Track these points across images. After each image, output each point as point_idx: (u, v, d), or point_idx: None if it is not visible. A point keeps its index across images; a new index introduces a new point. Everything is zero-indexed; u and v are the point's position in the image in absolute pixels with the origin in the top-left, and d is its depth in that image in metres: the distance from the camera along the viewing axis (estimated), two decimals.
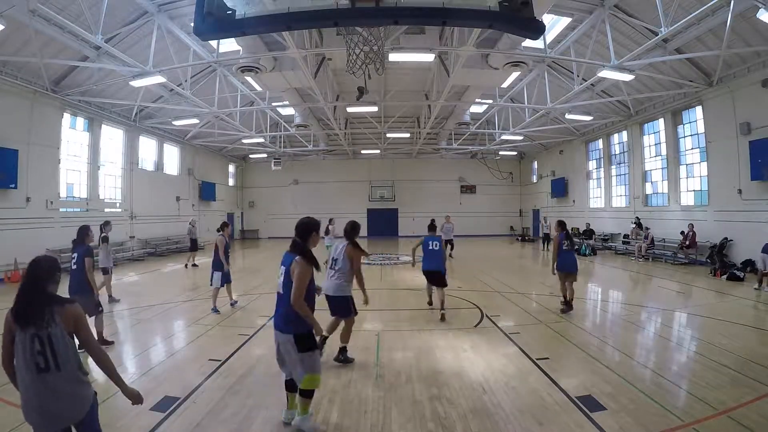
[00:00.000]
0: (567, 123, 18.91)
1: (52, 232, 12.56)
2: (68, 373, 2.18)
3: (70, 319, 2.25)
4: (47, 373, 2.13)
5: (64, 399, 2.18)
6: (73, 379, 2.22)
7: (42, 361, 2.12)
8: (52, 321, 2.16)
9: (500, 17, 2.58)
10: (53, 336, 2.14)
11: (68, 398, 2.20)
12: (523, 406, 3.70)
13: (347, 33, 7.45)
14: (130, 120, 16.37)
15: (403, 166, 27.89)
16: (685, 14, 8.76)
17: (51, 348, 2.14)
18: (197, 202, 22.38)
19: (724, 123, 12.00)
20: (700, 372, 4.45)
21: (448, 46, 10.92)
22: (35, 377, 2.12)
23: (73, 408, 2.23)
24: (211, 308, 7.40)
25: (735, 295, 8.50)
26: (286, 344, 3.15)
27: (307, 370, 3.12)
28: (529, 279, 11.49)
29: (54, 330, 2.15)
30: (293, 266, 3.11)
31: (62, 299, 2.29)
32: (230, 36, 5.75)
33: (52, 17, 8.95)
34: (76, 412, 2.22)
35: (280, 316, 3.20)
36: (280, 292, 3.22)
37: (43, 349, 2.12)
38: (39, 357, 2.12)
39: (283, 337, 3.16)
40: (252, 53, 11.27)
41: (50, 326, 2.15)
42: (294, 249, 3.22)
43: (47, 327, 2.14)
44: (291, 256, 3.20)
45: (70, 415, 2.21)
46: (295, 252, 3.19)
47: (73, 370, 2.22)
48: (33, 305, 2.18)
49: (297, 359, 3.11)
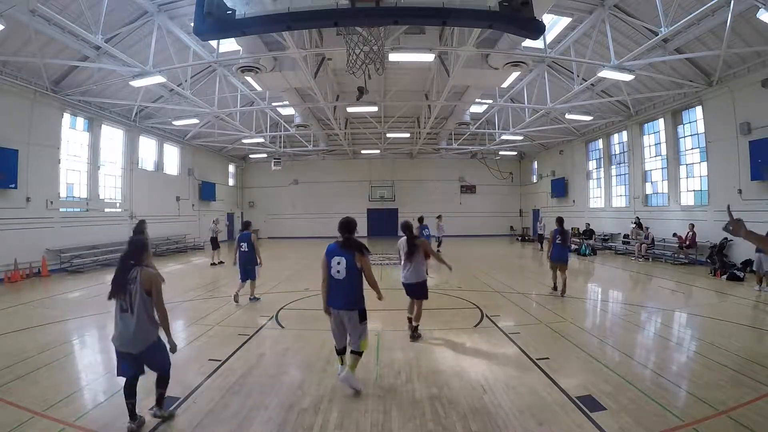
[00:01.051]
0: (567, 123, 18.91)
1: (52, 232, 12.57)
2: (138, 317, 3.21)
3: (146, 280, 3.27)
4: (126, 314, 3.24)
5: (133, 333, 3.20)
6: (141, 323, 3.23)
7: (125, 304, 3.24)
8: (134, 280, 3.24)
9: (500, 17, 2.58)
10: (132, 291, 3.22)
11: (135, 334, 3.21)
12: (523, 406, 3.70)
13: (347, 33, 7.44)
14: (130, 120, 16.36)
15: (403, 166, 27.88)
16: (685, 14, 8.76)
17: (130, 298, 3.22)
18: (197, 202, 22.38)
19: (724, 123, 12.00)
20: (700, 372, 4.45)
21: (448, 46, 10.91)
22: (119, 314, 3.27)
23: (138, 340, 3.22)
24: (250, 297, 8.21)
25: (735, 295, 8.50)
26: (353, 317, 4.01)
27: (363, 336, 4.09)
28: (529, 279, 11.49)
29: (134, 287, 3.23)
30: (358, 259, 3.97)
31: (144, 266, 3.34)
32: (230, 36, 5.76)
33: (52, 17, 8.94)
34: (138, 343, 3.23)
35: (344, 297, 4.00)
36: (339, 279, 3.98)
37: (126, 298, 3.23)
38: (123, 302, 3.24)
39: (350, 313, 4.01)
40: (252, 53, 11.26)
41: (133, 284, 3.23)
42: (349, 244, 4.02)
43: (130, 284, 3.23)
44: (346, 251, 4.00)
45: (133, 345, 3.22)
46: (351, 247, 4.00)
47: (142, 316, 3.22)
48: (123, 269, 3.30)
49: (359, 328, 4.04)
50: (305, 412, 3.63)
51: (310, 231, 26.54)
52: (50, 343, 5.58)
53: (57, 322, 6.78)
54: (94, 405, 3.76)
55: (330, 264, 4.01)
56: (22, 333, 6.10)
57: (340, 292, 4.00)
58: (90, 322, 6.83)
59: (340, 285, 3.99)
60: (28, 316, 7.24)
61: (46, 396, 3.86)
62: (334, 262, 4.01)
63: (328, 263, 4.02)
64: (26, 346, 5.37)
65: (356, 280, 4.00)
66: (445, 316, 7.01)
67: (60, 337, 5.96)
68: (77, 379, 4.44)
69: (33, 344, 5.48)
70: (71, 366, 4.91)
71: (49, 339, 5.76)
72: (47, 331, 6.25)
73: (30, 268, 11.60)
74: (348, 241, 4.05)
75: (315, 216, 27.32)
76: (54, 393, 3.94)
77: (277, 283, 10.53)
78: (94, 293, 9.46)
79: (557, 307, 7.67)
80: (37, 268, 11.86)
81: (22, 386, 4.12)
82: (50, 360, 4.90)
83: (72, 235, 13.37)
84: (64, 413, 3.55)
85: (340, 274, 3.97)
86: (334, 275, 4.01)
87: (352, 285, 3.98)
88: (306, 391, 4.07)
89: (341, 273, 3.97)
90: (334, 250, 4.04)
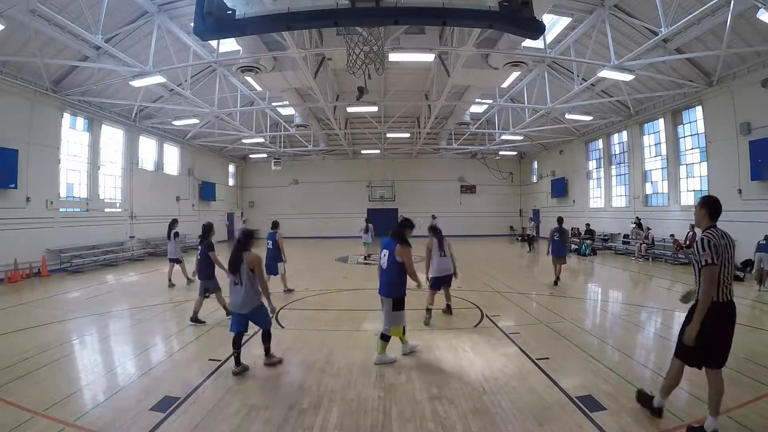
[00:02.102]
0: (567, 123, 18.91)
1: (52, 232, 12.57)
2: (245, 288, 4.49)
3: (251, 261, 4.50)
4: (237, 286, 4.52)
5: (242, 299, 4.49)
6: (248, 292, 4.49)
7: (237, 279, 4.52)
8: (242, 261, 4.48)
9: (500, 17, 2.59)
10: (242, 269, 4.48)
11: (243, 299, 4.49)
12: (523, 406, 3.70)
13: (347, 33, 7.43)
14: (130, 120, 16.36)
15: (403, 166, 27.87)
16: (685, 14, 8.75)
17: (240, 275, 4.49)
18: (197, 202, 22.38)
19: (724, 123, 11.99)
20: (700, 372, 4.43)
21: (448, 46, 10.91)
22: (233, 287, 4.58)
23: (245, 304, 4.50)
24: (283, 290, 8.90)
25: (735, 295, 8.47)
26: (388, 304, 4.65)
27: (393, 324, 4.71)
28: (528, 279, 11.50)
29: (243, 266, 4.47)
30: (398, 252, 4.62)
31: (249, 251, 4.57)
32: (230, 36, 5.77)
33: (52, 17, 8.94)
34: (246, 306, 4.51)
35: (384, 284, 4.72)
36: (384, 268, 4.74)
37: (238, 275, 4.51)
38: (236, 277, 4.52)
39: (386, 300, 4.66)
40: (252, 53, 11.26)
41: (241, 264, 4.47)
42: (395, 237, 4.72)
43: (240, 264, 4.47)
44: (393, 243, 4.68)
45: (243, 308, 4.51)
46: (397, 240, 4.67)
47: (248, 288, 4.49)
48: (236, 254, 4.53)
49: (392, 315, 4.65)
50: (305, 412, 3.63)
51: (311, 231, 26.55)
52: (50, 343, 5.58)
53: (57, 322, 6.78)
54: (94, 405, 3.75)
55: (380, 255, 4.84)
56: (22, 333, 6.11)
57: (383, 279, 4.76)
58: (90, 322, 6.83)
59: (384, 274, 4.76)
60: (28, 316, 7.24)
61: (46, 396, 3.87)
62: (382, 254, 4.78)
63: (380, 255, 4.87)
64: (26, 346, 5.37)
65: (394, 270, 4.63)
66: (445, 316, 7.00)
67: (60, 337, 5.96)
68: (77, 379, 4.44)
69: (33, 344, 5.48)
70: (71, 366, 4.91)
71: (49, 339, 5.77)
72: (47, 331, 6.25)
73: (30, 268, 11.60)
74: (394, 235, 4.73)
75: (315, 216, 27.33)
76: (54, 393, 3.94)
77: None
78: (94, 293, 9.47)
79: (557, 307, 7.67)
80: (37, 268, 11.86)
81: (22, 386, 4.12)
82: (50, 360, 4.91)
83: (72, 235, 13.37)
84: (64, 413, 3.55)
85: (384, 265, 4.74)
86: (382, 265, 4.80)
87: (391, 274, 4.66)
88: (306, 391, 4.07)
89: (385, 264, 4.73)
90: (385, 243, 4.84)
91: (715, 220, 3.30)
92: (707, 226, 3.28)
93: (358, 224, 16.23)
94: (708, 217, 3.30)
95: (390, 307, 4.61)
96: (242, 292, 4.43)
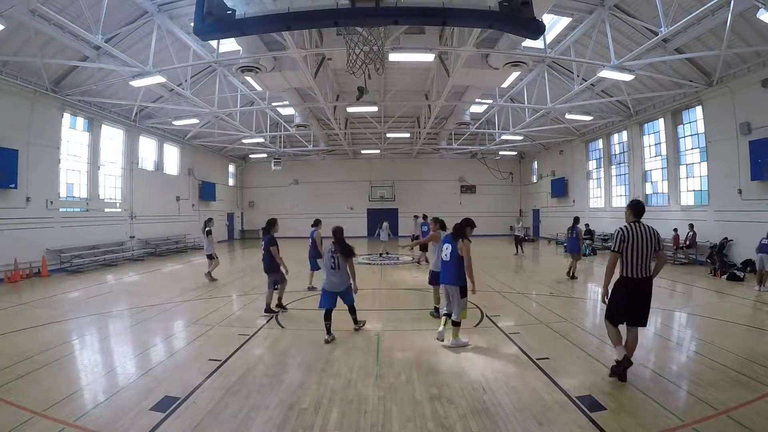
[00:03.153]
0: (567, 123, 18.91)
1: (52, 232, 12.57)
2: (340, 271, 5.61)
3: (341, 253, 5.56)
4: (335, 270, 5.60)
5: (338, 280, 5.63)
6: (342, 275, 5.63)
7: (333, 264, 5.59)
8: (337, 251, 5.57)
9: (500, 17, 2.58)
10: (337, 256, 5.57)
11: (339, 280, 5.63)
12: (523, 406, 3.70)
13: (347, 33, 7.43)
14: (130, 120, 16.36)
15: (403, 166, 27.87)
16: (685, 14, 8.75)
17: (336, 260, 5.58)
18: (197, 202, 22.38)
19: (724, 123, 12.00)
20: (700, 372, 4.45)
21: (448, 46, 10.91)
22: (330, 271, 5.64)
23: (340, 284, 5.64)
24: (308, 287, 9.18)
25: (735, 295, 8.50)
26: (455, 292, 5.26)
27: (462, 308, 5.29)
28: (529, 279, 11.50)
29: (337, 254, 5.57)
30: (460, 247, 5.22)
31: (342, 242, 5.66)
32: (230, 36, 5.76)
33: (52, 17, 8.94)
34: (341, 286, 5.65)
35: (451, 274, 5.30)
36: (447, 261, 5.36)
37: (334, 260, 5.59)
38: (332, 261, 5.59)
39: (453, 288, 5.28)
40: (252, 53, 11.26)
41: (336, 252, 5.58)
42: (456, 234, 5.31)
43: (336, 252, 5.58)
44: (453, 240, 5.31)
45: (337, 287, 5.64)
46: (458, 236, 5.27)
47: (343, 271, 5.63)
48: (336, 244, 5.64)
49: (459, 302, 5.24)
50: (305, 412, 3.63)
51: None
52: (50, 343, 5.58)
53: (57, 322, 6.78)
54: (94, 405, 3.75)
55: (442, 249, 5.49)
56: (22, 333, 6.10)
57: (449, 269, 5.32)
58: (90, 322, 6.83)
59: (447, 265, 5.35)
60: (28, 316, 7.24)
61: (46, 396, 3.86)
62: (444, 248, 5.41)
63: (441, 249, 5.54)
64: (26, 346, 5.37)
65: (458, 262, 5.22)
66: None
67: (60, 337, 5.96)
68: (77, 379, 4.44)
69: (33, 344, 5.48)
70: (71, 366, 4.91)
71: (49, 339, 5.76)
72: (47, 331, 6.25)
73: (30, 268, 11.60)
74: (456, 232, 5.36)
75: (315, 216, 27.19)
76: (54, 393, 3.94)
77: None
78: (94, 293, 9.47)
79: (557, 307, 7.67)
80: (37, 268, 11.86)
81: (22, 386, 4.12)
82: (50, 360, 4.90)
83: (72, 235, 13.37)
84: (64, 413, 3.55)
85: (447, 258, 5.35)
86: (443, 258, 5.41)
87: (456, 265, 5.24)
88: (306, 391, 4.07)
89: (447, 257, 5.34)
90: (446, 239, 5.50)
91: (638, 216, 4.19)
92: (630, 221, 4.18)
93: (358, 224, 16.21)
94: (631, 215, 4.23)
95: (459, 294, 5.19)
96: (338, 275, 5.56)
